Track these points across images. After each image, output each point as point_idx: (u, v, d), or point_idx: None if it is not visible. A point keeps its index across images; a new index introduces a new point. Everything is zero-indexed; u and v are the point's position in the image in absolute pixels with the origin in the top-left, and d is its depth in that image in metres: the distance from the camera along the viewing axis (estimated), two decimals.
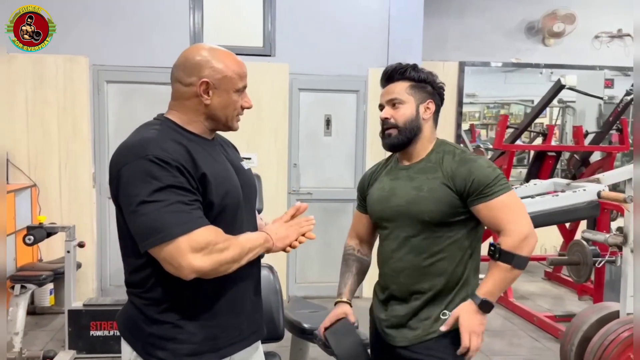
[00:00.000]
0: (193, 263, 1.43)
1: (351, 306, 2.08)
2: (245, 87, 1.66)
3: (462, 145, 2.07)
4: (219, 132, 1.73)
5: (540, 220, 2.64)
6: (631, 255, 2.84)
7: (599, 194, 2.64)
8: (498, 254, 1.80)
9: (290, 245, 1.70)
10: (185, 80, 1.60)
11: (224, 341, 1.64)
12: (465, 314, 1.81)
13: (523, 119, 6.61)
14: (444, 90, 1.99)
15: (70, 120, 4.88)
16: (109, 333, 3.95)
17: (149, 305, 1.59)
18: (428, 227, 1.86)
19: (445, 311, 1.87)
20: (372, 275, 2.12)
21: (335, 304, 2.07)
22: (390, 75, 1.94)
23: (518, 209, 1.83)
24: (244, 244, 1.56)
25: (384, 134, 1.95)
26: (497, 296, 1.82)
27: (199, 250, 1.44)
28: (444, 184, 1.84)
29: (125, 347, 1.65)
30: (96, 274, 5.06)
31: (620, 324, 2.78)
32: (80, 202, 4.93)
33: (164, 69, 4.83)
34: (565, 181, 2.92)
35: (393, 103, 1.92)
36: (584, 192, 2.65)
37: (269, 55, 5.10)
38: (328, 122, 5.32)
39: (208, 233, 1.47)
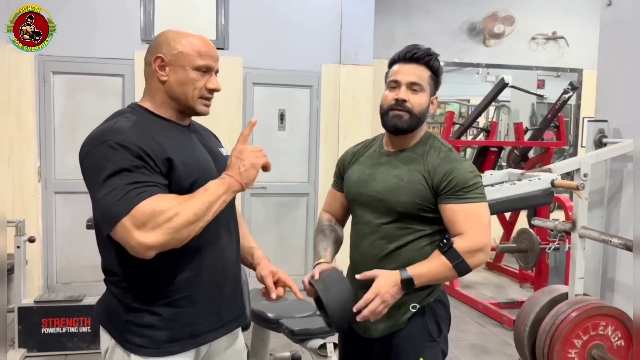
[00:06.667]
0: (141, 240, 1.39)
1: None
2: (208, 67, 1.61)
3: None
4: (195, 120, 1.72)
5: (500, 206, 2.76)
6: (579, 240, 3.03)
7: (552, 182, 2.79)
8: (447, 248, 1.74)
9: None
10: (147, 60, 1.62)
11: (202, 327, 1.63)
12: (385, 278, 1.72)
13: (466, 116, 6.85)
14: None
15: (15, 112, 4.68)
16: (62, 330, 3.84)
17: (126, 293, 1.58)
18: (401, 217, 1.82)
19: (414, 304, 1.82)
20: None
21: (315, 266, 1.88)
22: (418, 57, 1.83)
23: (484, 222, 1.78)
24: (198, 201, 1.46)
25: (391, 113, 1.84)
26: (422, 282, 1.74)
27: (142, 226, 1.39)
28: (424, 177, 1.80)
29: (104, 335, 1.63)
30: (42, 272, 4.87)
31: (570, 304, 2.95)
32: (25, 197, 4.73)
33: (113, 60, 4.83)
34: (519, 171, 3.07)
35: (414, 87, 1.82)
36: (539, 180, 2.78)
37: (223, 49, 5.07)
38: (282, 117, 5.35)
39: (147, 205, 1.40)
